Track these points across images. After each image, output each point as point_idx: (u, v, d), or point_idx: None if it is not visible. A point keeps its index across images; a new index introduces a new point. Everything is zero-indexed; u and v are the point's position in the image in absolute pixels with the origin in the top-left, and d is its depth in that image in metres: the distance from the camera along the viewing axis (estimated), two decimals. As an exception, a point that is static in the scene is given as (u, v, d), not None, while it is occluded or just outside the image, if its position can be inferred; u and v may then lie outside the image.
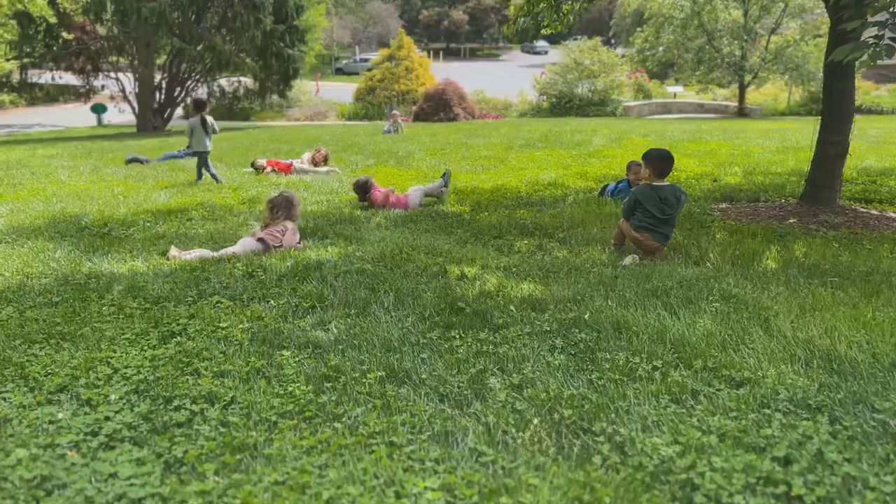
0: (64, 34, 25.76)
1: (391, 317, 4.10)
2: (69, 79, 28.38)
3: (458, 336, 3.75)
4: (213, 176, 10.39)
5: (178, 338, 3.94)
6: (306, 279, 4.95)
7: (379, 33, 70.14)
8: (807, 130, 17.87)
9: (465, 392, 3.12)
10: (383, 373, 3.33)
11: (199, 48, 25.21)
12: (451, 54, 71.54)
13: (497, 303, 4.25)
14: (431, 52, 56.37)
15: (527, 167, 11.66)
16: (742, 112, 30.18)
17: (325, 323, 4.08)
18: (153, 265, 5.53)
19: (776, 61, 29.10)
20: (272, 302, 4.50)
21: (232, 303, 4.51)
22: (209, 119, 10.21)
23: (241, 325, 4.07)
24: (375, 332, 3.87)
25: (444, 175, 8.42)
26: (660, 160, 5.55)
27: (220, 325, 4.09)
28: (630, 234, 5.58)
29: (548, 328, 3.83)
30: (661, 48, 31.40)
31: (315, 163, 11.87)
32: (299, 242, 6.10)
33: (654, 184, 5.55)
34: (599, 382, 3.15)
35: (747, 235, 6.21)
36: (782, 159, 11.63)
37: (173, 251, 5.84)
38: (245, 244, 5.89)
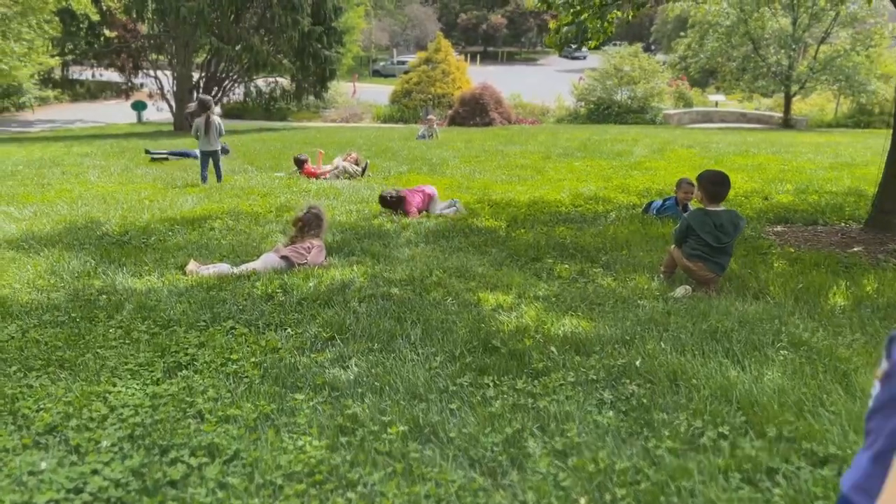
0: (106, 32, 25.93)
1: (418, 355, 3.70)
2: (111, 76, 28.60)
3: (491, 383, 3.34)
4: (203, 174, 10.42)
5: (185, 371, 3.59)
6: (328, 303, 4.58)
7: (417, 36, 69.98)
8: (860, 145, 17.11)
9: (500, 457, 2.70)
10: (406, 427, 2.93)
11: (236, 48, 25.16)
12: (489, 58, 71.06)
13: (536, 342, 3.83)
14: (468, 56, 56.01)
15: (565, 178, 11.19)
16: (787, 123, 29.19)
17: (344, 359, 3.69)
18: (169, 281, 5.21)
19: (825, 71, 28.09)
20: (290, 330, 4.13)
21: (247, 329, 4.15)
22: (214, 120, 10.22)
23: (253, 358, 3.71)
24: (399, 373, 3.47)
25: (453, 203, 8.34)
26: (713, 184, 5.07)
27: (232, 356, 3.74)
28: (682, 263, 5.11)
29: (594, 376, 3.40)
30: (704, 55, 30.51)
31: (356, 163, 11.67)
32: (325, 260, 5.74)
33: (709, 209, 5.07)
34: (657, 452, 2.70)
35: (810, 265, 5.69)
36: (837, 177, 10.99)
37: (192, 265, 5.52)
38: (267, 261, 5.55)
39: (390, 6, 70.44)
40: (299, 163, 11.78)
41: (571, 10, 8.42)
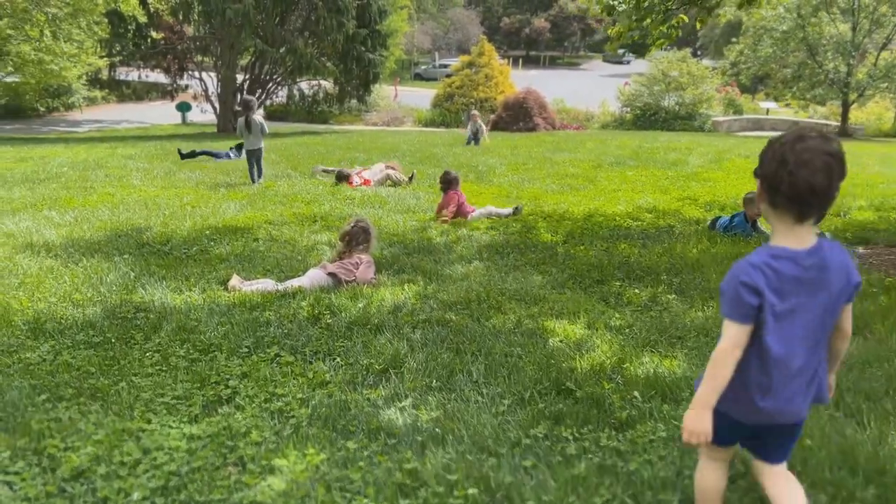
0: (153, 34, 26.12)
1: (482, 396, 3.31)
2: (157, 77, 28.84)
3: (570, 436, 2.92)
4: (251, 175, 10.73)
5: (225, 406, 3.25)
6: (380, 329, 4.21)
7: (459, 39, 69.66)
8: (928, 157, 16.24)
9: (590, 536, 2.29)
10: (476, 489, 2.54)
11: (281, 50, 25.11)
12: (531, 62, 70.44)
13: (615, 384, 3.40)
14: (511, 60, 55.52)
15: (619, 189, 10.70)
16: (844, 132, 28.13)
17: (400, 397, 3.31)
18: (210, 297, 4.90)
19: (885, 78, 27.01)
20: (339, 360, 3.77)
21: (293, 357, 3.80)
22: (255, 119, 10.53)
23: (300, 394, 3.35)
24: (463, 417, 3.08)
25: (515, 209, 8.37)
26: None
27: (276, 390, 3.39)
28: None
29: (687, 430, 2.96)
30: (757, 61, 29.57)
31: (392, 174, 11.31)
32: (374, 276, 5.39)
33: None
34: (779, 538, 2.26)
35: (906, 295, 5.15)
36: (913, 192, 10.31)
37: (234, 281, 5.21)
38: (314, 278, 5.21)
39: (433, 9, 70.33)
40: (343, 177, 11.22)
41: (634, 17, 7.95)
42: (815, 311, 2.05)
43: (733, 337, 2.11)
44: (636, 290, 5.11)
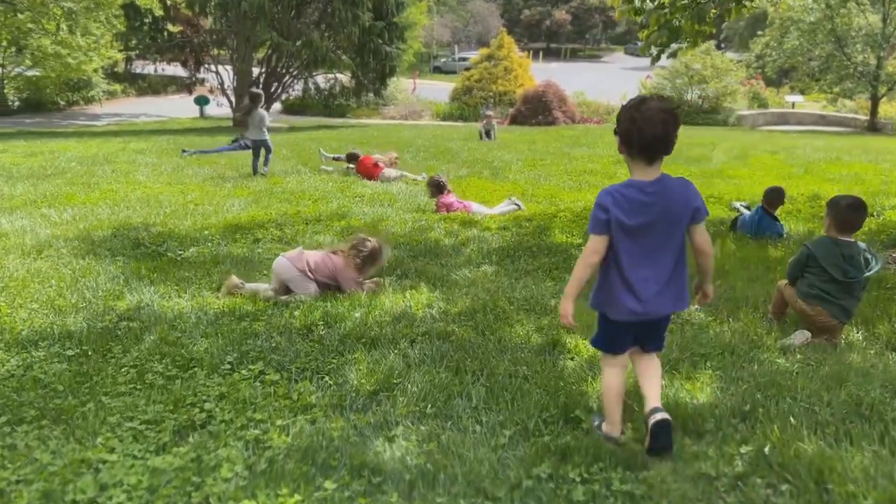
0: (169, 27, 25.98)
1: (482, 425, 2.97)
2: (176, 70, 28.73)
3: (578, 476, 2.58)
4: (254, 166, 11.11)
5: (198, 433, 2.95)
6: (375, 343, 3.89)
7: (479, 32, 69.06)
8: (964, 153, 15.61)
9: None
10: (468, 543, 2.21)
11: (297, 44, 24.86)
12: (551, 54, 69.63)
13: (630, 411, 3.05)
14: (531, 52, 54.90)
15: (639, 186, 10.27)
16: (873, 126, 27.36)
17: (390, 425, 2.99)
18: (199, 304, 4.61)
19: (917, 71, 26.25)
20: (328, 379, 3.45)
21: (278, 375, 3.49)
22: (256, 112, 10.96)
23: (280, 419, 3.04)
24: (459, 451, 2.75)
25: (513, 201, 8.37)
26: (851, 209, 4.20)
27: (255, 415, 3.08)
28: (797, 306, 4.23)
29: (712, 471, 2.61)
30: (783, 54, 28.80)
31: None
32: (374, 281, 5.04)
33: (839, 238, 4.20)
34: None
35: (951, 306, 4.73)
36: (951, 191, 9.79)
37: (232, 281, 4.87)
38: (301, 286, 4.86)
39: (453, 2, 69.80)
40: (353, 158, 11.50)
41: (662, 13, 7.52)
42: (659, 226, 2.66)
43: (591, 245, 2.75)
44: (655, 300, 4.73)
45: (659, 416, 2.68)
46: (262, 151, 11.05)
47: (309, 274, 4.81)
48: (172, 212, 7.76)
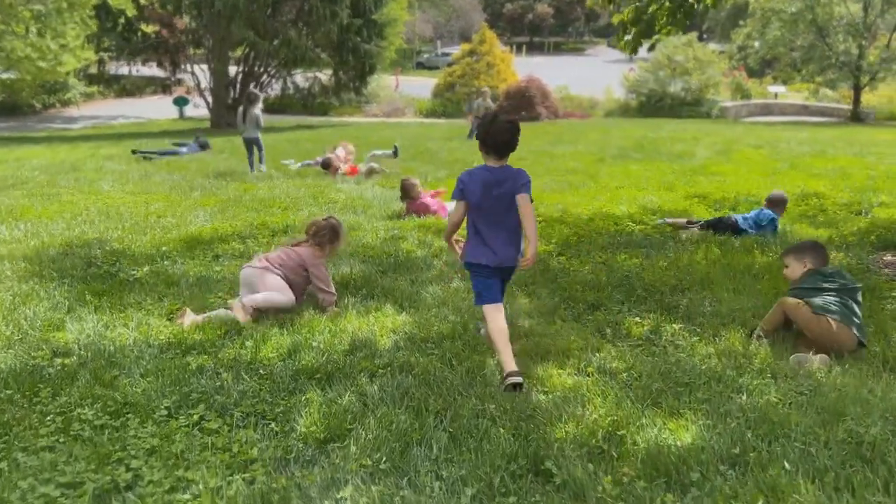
0: (143, 27, 25.44)
1: (442, 482, 2.64)
2: (155, 71, 28.17)
3: (547, 549, 2.26)
4: (250, 163, 11.93)
5: (121, 498, 2.60)
6: (331, 380, 3.55)
7: (461, 27, 68.56)
8: (949, 143, 15.44)
9: None
10: None
11: (274, 42, 24.42)
12: (534, 48, 69.28)
13: (609, 461, 2.73)
14: (514, 46, 54.53)
15: (622, 185, 10.00)
16: (857, 116, 27.22)
17: (339, 484, 2.65)
18: (144, 335, 4.25)
19: (899, 60, 26.11)
20: (274, 426, 3.11)
21: (220, 422, 3.15)
22: (252, 111, 11.62)
23: (214, 480, 2.70)
24: (414, 516, 2.42)
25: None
26: (819, 248, 4.38)
27: (187, 475, 2.73)
28: (814, 326, 3.89)
29: (701, 539, 2.30)
30: (765, 44, 28.57)
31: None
32: (334, 295, 4.71)
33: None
34: None
35: (951, 318, 4.45)
36: (940, 185, 9.56)
37: (186, 318, 4.51)
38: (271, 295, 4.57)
39: (434, -3, 69.26)
40: (327, 164, 11.59)
41: (636, 3, 7.22)
42: (500, 199, 3.66)
43: (455, 209, 3.84)
44: (637, 319, 4.42)
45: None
46: (255, 149, 11.93)
47: (275, 269, 4.73)
48: (132, 225, 7.38)
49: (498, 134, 3.66)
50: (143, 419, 3.18)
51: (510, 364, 3.46)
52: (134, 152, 13.82)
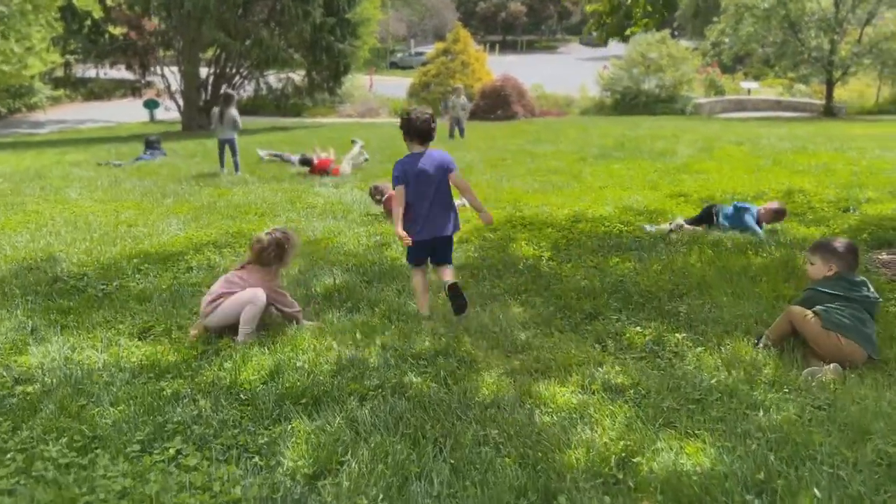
0: (110, 29, 24.82)
1: (446, 523, 2.41)
2: (124, 74, 27.55)
3: None
4: (221, 162, 11.83)
5: (88, 551, 2.33)
6: (318, 404, 3.30)
7: (435, 26, 68.30)
8: (925, 137, 15.51)
9: None
10: None
11: (246, 43, 23.95)
12: (508, 47, 69.27)
13: (626, 493, 2.51)
14: (487, 45, 54.40)
15: (606, 185, 9.82)
16: (829, 111, 27.42)
17: (333, 527, 2.41)
18: (115, 357, 3.96)
19: (869, 55, 26.29)
20: (258, 460, 2.85)
21: (198, 456, 2.89)
22: (230, 112, 11.57)
23: (194, 526, 2.44)
24: (418, 565, 2.19)
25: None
26: (851, 253, 4.05)
27: (163, 521, 2.47)
28: (824, 341, 3.69)
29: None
30: (738, 41, 28.60)
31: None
32: (300, 310, 4.43)
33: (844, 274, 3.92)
34: None
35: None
36: (923, 180, 9.50)
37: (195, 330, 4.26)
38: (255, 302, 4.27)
39: (407, -4, 68.91)
40: (306, 162, 11.82)
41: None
42: (429, 180, 4.33)
43: (396, 193, 4.35)
44: (637, 328, 4.22)
45: (449, 283, 4.36)
46: (227, 149, 11.78)
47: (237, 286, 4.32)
48: (101, 236, 7.04)
49: (419, 124, 4.36)
50: (114, 455, 2.90)
51: (424, 308, 4.54)
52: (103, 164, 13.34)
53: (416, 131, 4.37)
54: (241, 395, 3.42)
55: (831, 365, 3.59)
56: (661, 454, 2.76)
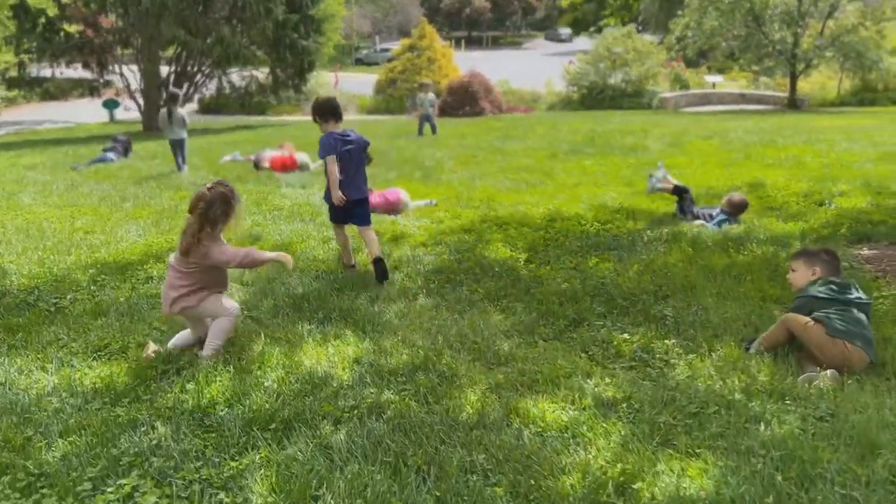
0: (65, 27, 24.06)
1: (434, 567, 2.18)
2: (82, 73, 26.76)
3: None
4: (177, 164, 11.66)
5: None
6: (289, 429, 3.05)
7: (400, 22, 67.89)
8: (889, 129, 15.67)
9: None
10: None
11: (207, 40, 23.40)
12: (473, 43, 69.10)
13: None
14: (453, 41, 54.13)
15: (580, 182, 9.67)
16: (793, 104, 27.70)
17: (309, 574, 2.17)
18: (66, 379, 3.66)
19: (832, 48, 26.60)
20: (222, 496, 2.60)
21: (157, 491, 2.62)
22: (178, 111, 11.50)
23: (153, 579, 2.18)
24: None
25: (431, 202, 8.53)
26: (832, 257, 4.04)
27: (117, 574, 2.21)
28: (826, 348, 3.54)
29: None
30: (702, 34, 28.73)
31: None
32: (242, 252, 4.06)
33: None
34: None
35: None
36: (894, 172, 9.51)
37: (149, 349, 3.95)
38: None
39: (371, -8, 68.37)
40: (258, 164, 11.86)
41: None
42: (351, 154, 5.22)
43: (331, 163, 5.17)
44: (624, 335, 4.03)
45: (375, 256, 5.15)
46: (177, 150, 11.63)
47: (193, 297, 3.94)
48: (55, 244, 6.67)
49: (331, 105, 5.32)
50: (62, 495, 2.62)
51: (349, 259, 5.54)
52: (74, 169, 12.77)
53: (333, 111, 5.28)
54: (205, 421, 3.15)
55: (828, 371, 3.44)
56: (661, 477, 2.57)
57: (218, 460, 2.83)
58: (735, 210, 6.95)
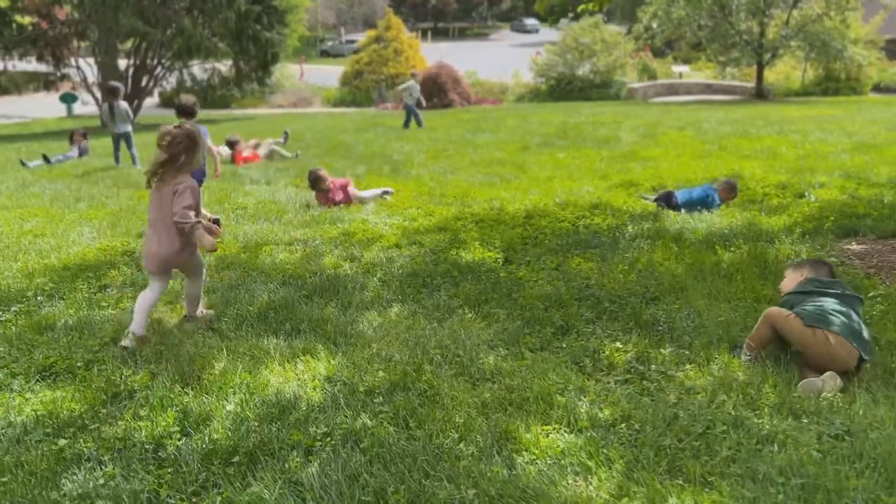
0: (17, 18, 23.14)
1: None
2: (38, 66, 25.82)
3: None
4: (116, 158, 11.59)
5: None
6: (254, 463, 2.73)
7: (365, 13, 67.08)
8: (859, 118, 15.75)
9: None
10: None
11: (167, 32, 22.69)
12: (439, 34, 68.67)
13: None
14: (419, 32, 53.63)
15: (554, 176, 9.43)
16: (760, 93, 27.87)
17: None
18: (3, 408, 3.28)
19: (797, 37, 26.78)
20: (180, 549, 2.27)
21: (103, 545, 2.28)
22: (119, 105, 11.34)
23: None
24: None
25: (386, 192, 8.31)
26: (822, 263, 3.97)
27: None
28: (807, 341, 3.34)
29: None
30: (670, 24, 28.73)
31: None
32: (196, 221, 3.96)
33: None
34: None
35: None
36: (870, 163, 9.42)
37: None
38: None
39: (335, -18, 67.43)
40: (231, 144, 11.90)
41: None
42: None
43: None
44: (617, 344, 3.77)
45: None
46: (124, 146, 11.53)
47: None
48: (2, 249, 6.22)
49: (189, 104, 7.08)
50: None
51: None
52: (22, 164, 12.15)
53: (188, 110, 7.15)
54: (159, 453, 2.82)
55: (826, 375, 3.23)
56: (674, 513, 2.30)
57: (173, 502, 2.50)
58: (729, 196, 7.21)
